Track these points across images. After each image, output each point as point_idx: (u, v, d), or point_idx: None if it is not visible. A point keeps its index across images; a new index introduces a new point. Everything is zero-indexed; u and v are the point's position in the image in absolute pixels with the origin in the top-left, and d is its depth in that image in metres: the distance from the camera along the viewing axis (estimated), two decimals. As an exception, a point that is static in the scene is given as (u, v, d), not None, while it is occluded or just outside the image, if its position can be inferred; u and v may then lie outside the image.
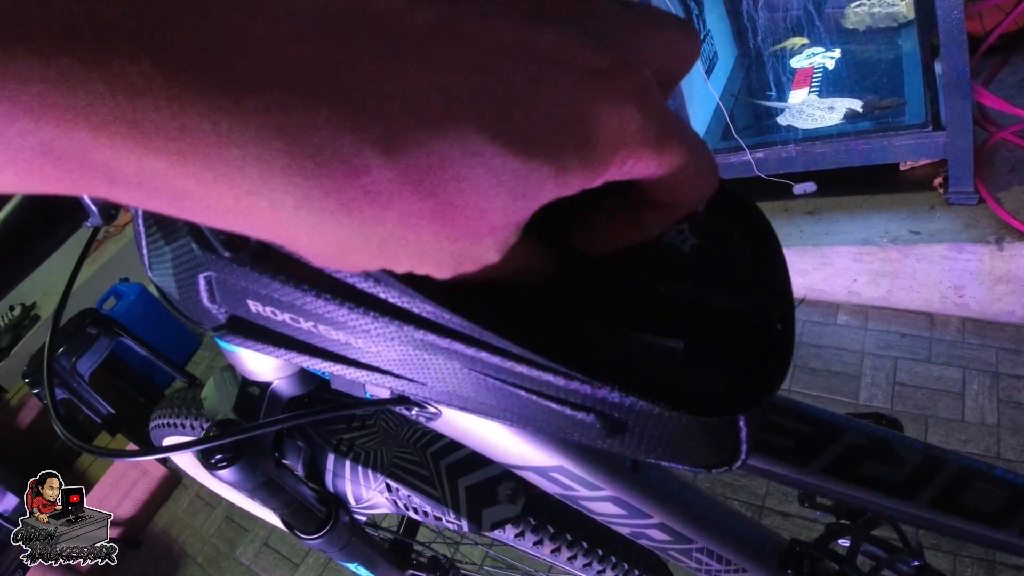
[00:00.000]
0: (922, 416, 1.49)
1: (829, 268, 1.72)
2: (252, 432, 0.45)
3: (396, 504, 0.61)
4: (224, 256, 0.26)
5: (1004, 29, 1.68)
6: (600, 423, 0.26)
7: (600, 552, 0.71)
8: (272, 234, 0.16)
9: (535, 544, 0.65)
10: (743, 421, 0.28)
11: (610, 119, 0.17)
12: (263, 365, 0.47)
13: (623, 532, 0.47)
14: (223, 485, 1.04)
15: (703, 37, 1.79)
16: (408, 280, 0.23)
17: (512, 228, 0.17)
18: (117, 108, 0.13)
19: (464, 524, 0.57)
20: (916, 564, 0.54)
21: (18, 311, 2.72)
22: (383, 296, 0.24)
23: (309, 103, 0.14)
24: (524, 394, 0.26)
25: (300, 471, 0.64)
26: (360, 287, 0.25)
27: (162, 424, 0.85)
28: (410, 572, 0.87)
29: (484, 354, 0.25)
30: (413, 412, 0.40)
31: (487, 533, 0.60)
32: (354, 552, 0.69)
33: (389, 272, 0.23)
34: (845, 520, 0.52)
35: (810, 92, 1.79)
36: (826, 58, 1.87)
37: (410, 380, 0.28)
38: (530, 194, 0.16)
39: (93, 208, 0.38)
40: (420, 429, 0.64)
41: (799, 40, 1.89)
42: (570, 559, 0.70)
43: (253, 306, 0.27)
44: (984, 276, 1.55)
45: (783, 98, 1.81)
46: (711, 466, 0.30)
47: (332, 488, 0.65)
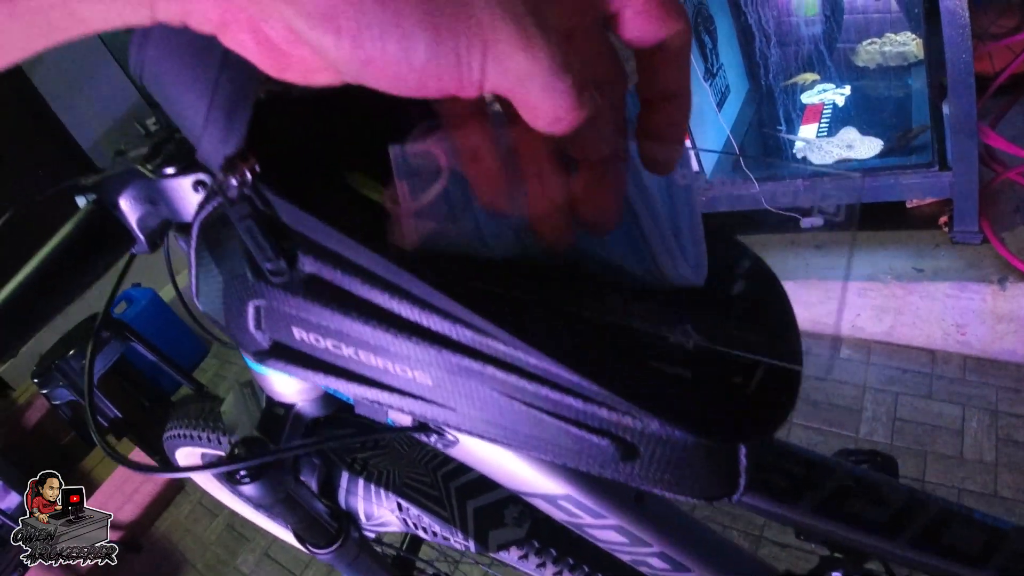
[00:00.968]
0: (921, 452, 1.50)
1: (834, 302, 1.74)
2: (283, 454, 0.47)
3: (406, 523, 0.63)
4: (278, 284, 0.29)
5: (1014, 70, 1.69)
6: (615, 447, 0.28)
7: (600, 577, 0.73)
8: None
9: (537, 566, 0.67)
10: (743, 452, 0.30)
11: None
12: (289, 387, 0.49)
13: (624, 559, 0.49)
14: (226, 493, 1.06)
15: (716, 71, 1.82)
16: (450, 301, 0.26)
17: None
18: None
19: (471, 544, 0.59)
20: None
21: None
22: (425, 324, 0.27)
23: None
24: (548, 419, 0.28)
25: (314, 487, 0.66)
26: (405, 315, 0.27)
27: (178, 435, 0.87)
28: (413, 588, 0.89)
29: (514, 377, 0.27)
30: (432, 439, 0.42)
31: (493, 554, 0.62)
32: (361, 567, 0.71)
33: (433, 299, 0.26)
34: (839, 554, 0.54)
35: (820, 127, 1.81)
36: (836, 94, 1.89)
37: (441, 406, 0.30)
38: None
39: (141, 237, 0.41)
40: (431, 451, 0.66)
41: (810, 76, 1.91)
42: (570, 582, 0.72)
43: (297, 333, 0.30)
44: (986, 315, 1.56)
45: (792, 131, 1.84)
46: (712, 497, 0.32)
47: (344, 505, 0.67)
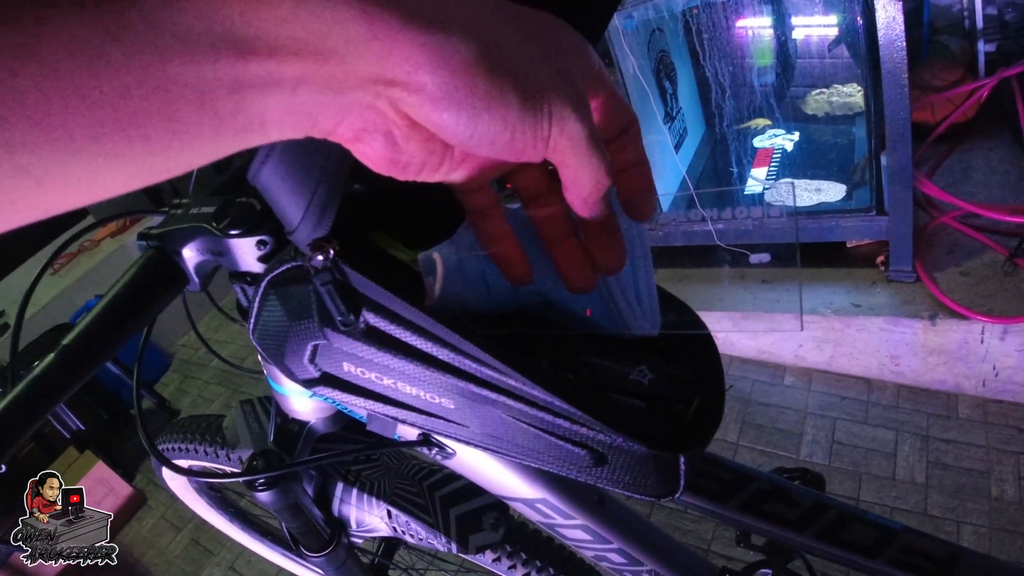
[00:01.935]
0: (857, 473, 1.59)
1: (778, 333, 1.84)
2: (301, 465, 0.55)
3: (395, 529, 0.71)
4: (343, 332, 0.37)
5: (953, 120, 1.81)
6: (590, 456, 0.37)
7: (564, 579, 0.81)
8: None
9: (509, 568, 0.76)
10: (683, 460, 0.39)
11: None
12: (306, 406, 0.57)
13: (587, 555, 0.58)
14: (202, 505, 1.12)
15: (675, 114, 1.95)
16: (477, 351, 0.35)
17: None
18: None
19: (453, 547, 0.68)
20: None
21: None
22: (454, 363, 0.36)
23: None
24: (542, 434, 0.38)
25: (311, 496, 0.73)
26: (438, 356, 0.36)
27: (173, 448, 0.94)
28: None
29: (518, 404, 0.37)
30: (433, 452, 0.51)
31: (471, 556, 0.71)
32: (348, 572, 0.79)
33: (461, 345, 0.35)
34: (767, 555, 0.64)
35: (769, 171, 1.94)
36: (786, 140, 2.00)
37: (458, 424, 0.39)
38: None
39: (195, 279, 0.49)
40: (418, 464, 0.75)
41: (762, 121, 2.02)
42: (538, 584, 0.80)
43: (347, 367, 0.39)
44: (918, 348, 1.65)
45: (744, 174, 1.96)
46: (660, 495, 0.41)
47: (337, 513, 0.75)
